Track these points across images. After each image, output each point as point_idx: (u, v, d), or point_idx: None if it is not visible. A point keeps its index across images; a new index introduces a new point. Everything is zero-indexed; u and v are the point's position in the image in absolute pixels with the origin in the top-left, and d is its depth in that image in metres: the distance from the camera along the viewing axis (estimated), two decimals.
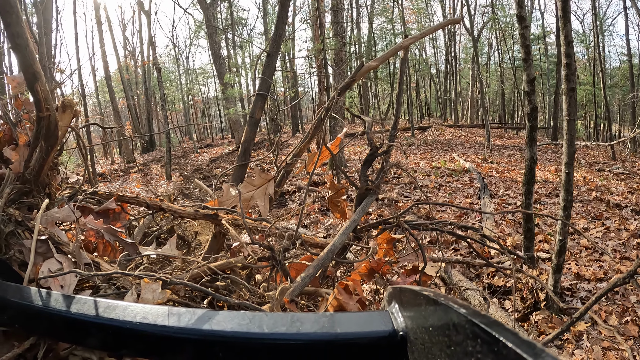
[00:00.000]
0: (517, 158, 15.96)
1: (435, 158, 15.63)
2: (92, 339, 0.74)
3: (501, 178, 11.73)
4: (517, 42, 33.10)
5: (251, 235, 1.74)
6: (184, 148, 28.23)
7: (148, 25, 22.38)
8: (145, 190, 13.36)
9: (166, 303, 1.27)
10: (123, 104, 31.03)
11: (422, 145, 19.80)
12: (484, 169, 12.91)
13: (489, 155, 16.02)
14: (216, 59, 21.19)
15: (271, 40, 4.87)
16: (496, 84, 36.61)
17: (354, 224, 1.84)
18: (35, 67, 1.36)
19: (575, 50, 27.82)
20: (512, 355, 0.35)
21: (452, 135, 24.05)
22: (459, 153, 16.88)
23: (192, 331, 0.62)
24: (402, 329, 0.54)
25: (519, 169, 13.12)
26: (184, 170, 18.69)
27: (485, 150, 17.70)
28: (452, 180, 11.17)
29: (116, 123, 25.86)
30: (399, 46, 2.59)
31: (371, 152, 2.05)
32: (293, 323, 0.60)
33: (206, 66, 40.53)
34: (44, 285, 1.16)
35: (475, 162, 14.32)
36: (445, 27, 35.00)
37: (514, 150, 18.28)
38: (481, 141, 20.97)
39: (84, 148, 2.00)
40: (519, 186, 10.26)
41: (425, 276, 1.91)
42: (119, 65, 31.37)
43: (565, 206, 4.69)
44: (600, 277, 5.55)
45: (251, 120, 4.26)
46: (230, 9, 30.14)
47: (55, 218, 1.44)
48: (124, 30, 36.21)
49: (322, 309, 1.59)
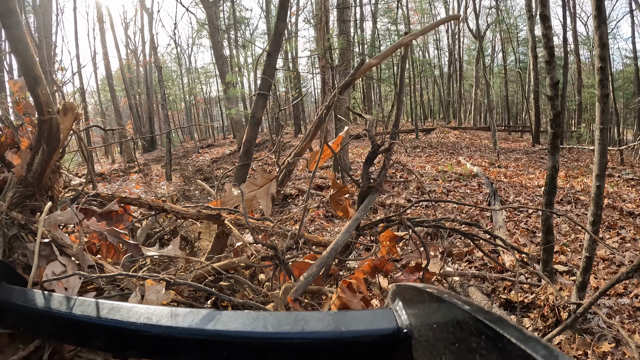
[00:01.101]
0: (525, 162, 15.64)
1: (441, 161, 15.30)
2: (96, 341, 0.74)
3: (510, 183, 11.40)
4: (522, 44, 32.85)
5: (254, 234, 1.74)
6: (185, 148, 28.12)
7: (150, 24, 22.39)
8: (145, 191, 13.29)
9: (170, 304, 1.27)
10: (125, 103, 31.02)
11: (427, 147, 19.46)
12: (491, 173, 12.76)
13: (496, 159, 15.81)
14: (218, 58, 21.13)
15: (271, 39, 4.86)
16: (499, 86, 36.43)
17: (356, 222, 1.84)
18: (35, 70, 1.37)
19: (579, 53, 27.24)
20: (517, 351, 0.35)
21: (457, 138, 23.70)
22: (465, 156, 16.56)
23: (197, 331, 0.63)
24: (406, 327, 0.55)
25: (527, 173, 12.87)
26: (185, 170, 18.55)
27: (492, 154, 17.35)
28: (460, 185, 10.95)
29: (117, 122, 25.88)
30: (399, 43, 2.58)
31: (373, 150, 2.04)
32: (297, 322, 0.60)
33: (208, 65, 40.51)
34: (48, 288, 1.17)
35: (482, 166, 14.01)
36: (449, 29, 34.94)
37: (520, 154, 18.02)
38: (486, 144, 20.72)
39: (85, 151, 2.00)
40: (530, 192, 10.12)
41: (429, 273, 1.90)
42: (121, 64, 31.39)
43: (594, 221, 4.36)
44: (620, 292, 5.21)
45: (252, 120, 4.25)
46: (233, 8, 30.10)
47: (58, 221, 1.45)
48: (126, 29, 36.24)
49: (326, 308, 1.59)
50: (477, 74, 32.92)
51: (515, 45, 32.05)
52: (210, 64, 36.52)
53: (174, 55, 39.07)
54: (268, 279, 1.91)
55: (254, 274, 2.14)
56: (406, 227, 1.96)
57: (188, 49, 41.31)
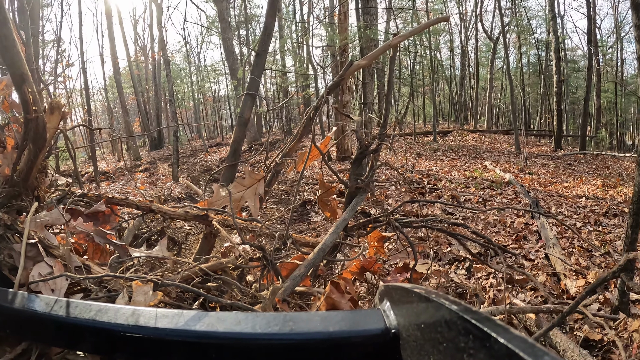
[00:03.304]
0: (554, 169, 14.35)
1: (466, 166, 14.26)
2: (84, 343, 0.74)
3: (546, 192, 10.06)
4: (533, 47, 32.13)
5: (242, 235, 1.74)
6: (193, 146, 27.17)
7: (159, 18, 21.92)
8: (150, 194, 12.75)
9: (158, 305, 1.26)
10: (133, 100, 30.63)
11: (447, 151, 18.17)
12: (524, 180, 11.46)
13: (525, 165, 14.53)
14: (229, 55, 20.72)
15: (259, 39, 4.85)
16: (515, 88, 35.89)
17: (344, 223, 1.85)
18: (22, 68, 1.36)
19: None
20: (504, 350, 0.35)
21: (476, 141, 22.36)
22: (490, 161, 15.24)
23: (185, 333, 0.63)
24: (394, 327, 0.55)
25: (560, 181, 11.85)
26: (193, 170, 17.72)
27: (516, 159, 16.16)
28: (495, 194, 9.58)
29: (124, 119, 25.56)
30: (388, 44, 2.59)
31: (361, 151, 2.05)
32: (285, 323, 0.60)
33: (217, 63, 39.90)
34: (34, 290, 1.16)
35: (511, 172, 12.75)
36: (462, 29, 34.79)
37: (546, 159, 16.74)
38: (507, 148, 19.62)
39: (72, 150, 1.99)
40: (570, 202, 8.97)
41: (417, 273, 1.92)
42: (129, 61, 30.97)
43: None
44: None
45: (240, 120, 4.24)
46: (245, 4, 29.78)
47: (44, 221, 1.43)
48: (135, 25, 35.73)
49: (314, 308, 1.59)
50: (491, 75, 32.62)
51: (527, 48, 31.50)
52: (219, 61, 35.95)
53: (183, 53, 38.66)
54: (256, 279, 1.91)
55: (242, 274, 2.14)
56: (394, 228, 1.97)
57: (197, 46, 40.79)
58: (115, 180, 15.26)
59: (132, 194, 12.25)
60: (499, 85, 35.88)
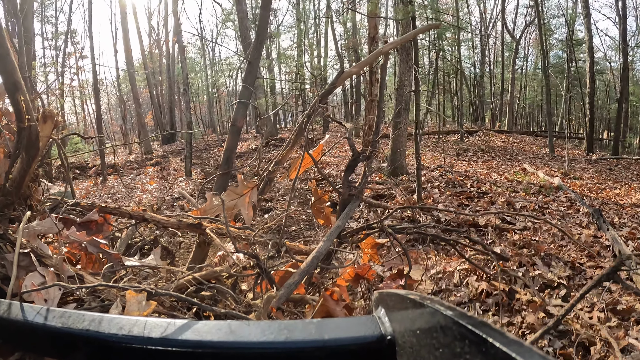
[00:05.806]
0: (595, 173, 13.23)
1: (503, 168, 13.25)
2: (77, 353, 0.73)
3: (600, 199, 8.81)
4: (555, 47, 31.02)
5: (235, 243, 1.73)
6: (206, 141, 26.19)
7: (174, 7, 21.41)
8: (159, 188, 12.17)
9: (152, 314, 1.26)
10: (146, 93, 30.42)
11: (478, 151, 17.23)
12: (573, 186, 10.20)
13: (568, 169, 13.20)
14: (246, 47, 20.35)
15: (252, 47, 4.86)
16: (536, 89, 35.29)
17: (338, 230, 1.85)
18: (15, 76, 1.35)
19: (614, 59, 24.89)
20: (500, 355, 0.35)
21: (503, 142, 21.19)
22: (528, 164, 14.27)
23: (179, 343, 0.62)
24: (389, 333, 0.55)
25: (608, 187, 10.71)
26: (206, 165, 16.90)
27: (553, 162, 15.13)
28: (549, 201, 8.42)
29: (136, 112, 25.28)
30: (379, 51, 2.61)
31: (353, 158, 2.06)
32: (280, 331, 0.60)
33: (232, 57, 39.38)
34: (27, 299, 1.15)
35: (554, 175, 11.39)
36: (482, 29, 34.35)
37: (583, 163, 15.74)
38: (537, 150, 18.53)
39: (65, 159, 1.98)
40: (629, 212, 7.80)
41: (411, 280, 1.92)
42: (143, 54, 30.79)
43: None
44: None
45: (233, 128, 4.26)
46: None
47: (37, 230, 1.42)
48: (150, 18, 35.54)
49: (309, 316, 1.59)
50: (512, 75, 32.12)
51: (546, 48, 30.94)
52: (234, 55, 35.34)
53: (198, 47, 38.32)
54: (250, 288, 1.91)
55: (236, 283, 2.13)
56: (387, 235, 1.97)
57: (212, 40, 40.47)
58: (124, 174, 14.83)
59: (141, 189, 12.01)
60: (517, 86, 35.35)
